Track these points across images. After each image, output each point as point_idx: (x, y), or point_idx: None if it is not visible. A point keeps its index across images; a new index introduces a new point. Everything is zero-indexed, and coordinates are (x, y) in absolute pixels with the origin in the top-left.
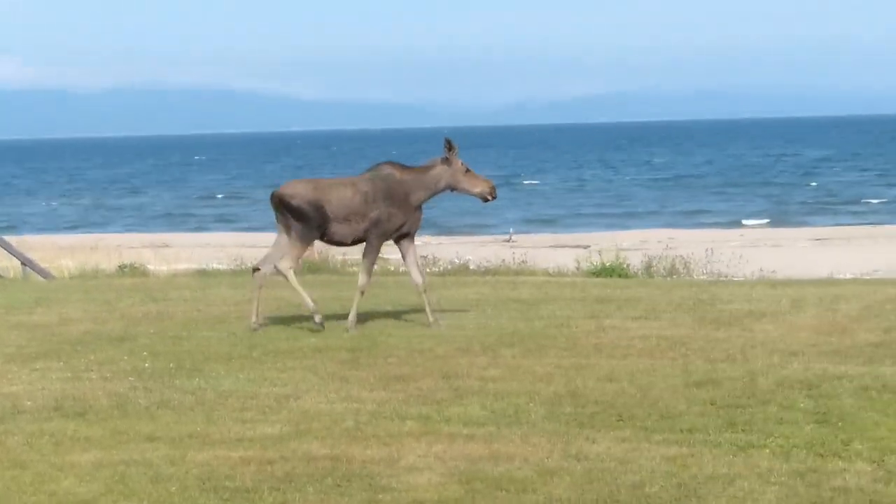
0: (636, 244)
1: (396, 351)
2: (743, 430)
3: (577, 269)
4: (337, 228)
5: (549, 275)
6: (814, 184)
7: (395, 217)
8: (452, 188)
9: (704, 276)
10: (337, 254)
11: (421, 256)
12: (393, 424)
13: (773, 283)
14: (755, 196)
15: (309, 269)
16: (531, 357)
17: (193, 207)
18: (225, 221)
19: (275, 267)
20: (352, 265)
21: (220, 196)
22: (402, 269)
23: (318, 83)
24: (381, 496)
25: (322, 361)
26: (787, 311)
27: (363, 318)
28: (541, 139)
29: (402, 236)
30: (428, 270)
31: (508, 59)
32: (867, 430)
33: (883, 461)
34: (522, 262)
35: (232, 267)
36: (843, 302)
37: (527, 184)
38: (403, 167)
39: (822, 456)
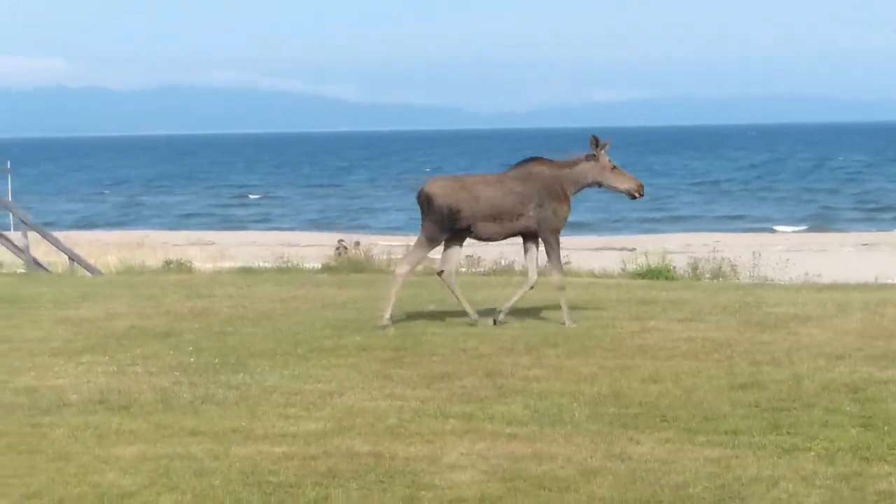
0: (681, 247)
1: (440, 350)
2: (787, 433)
3: (623, 270)
4: (485, 226)
5: (595, 276)
6: (859, 190)
7: (560, 211)
8: (599, 184)
9: (749, 280)
10: (382, 252)
11: (466, 256)
12: (436, 422)
13: (819, 288)
14: (800, 201)
15: (354, 269)
16: (575, 357)
17: (232, 207)
18: (263, 221)
19: (395, 269)
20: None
21: (253, 196)
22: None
23: (355, 85)
24: (423, 493)
25: (366, 359)
26: (832, 314)
27: (407, 317)
28: (574, 142)
29: (530, 233)
30: (472, 271)
31: (539, 64)
32: None
33: None
34: (567, 263)
35: (277, 265)
36: (890, 306)
37: None
38: (551, 163)
39: (866, 460)
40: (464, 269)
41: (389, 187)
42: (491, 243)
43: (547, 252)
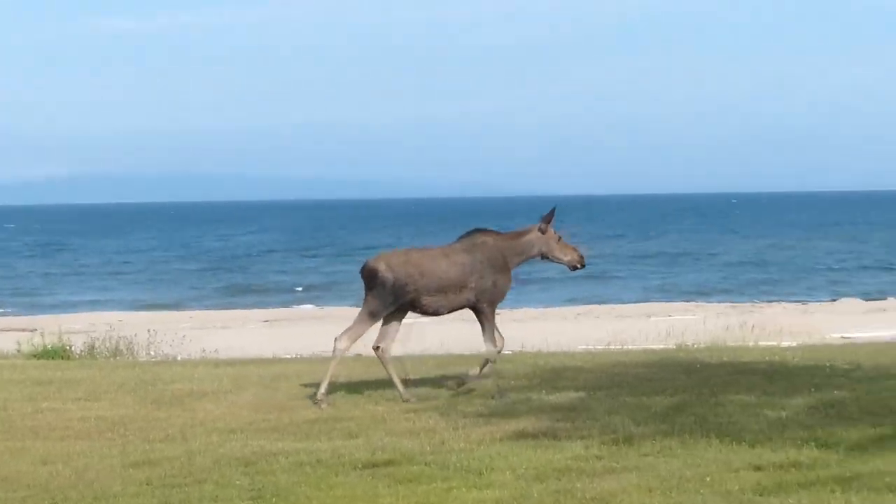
0: (85, 327)
1: None
2: None
3: (18, 351)
4: (430, 300)
5: None
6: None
7: (500, 283)
8: (544, 256)
9: (147, 358)
10: None
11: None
12: None
13: (217, 363)
14: (214, 278)
15: None
16: None
17: None
18: None
19: (335, 344)
20: None
21: None
22: None
23: None
24: None
25: None
26: (228, 389)
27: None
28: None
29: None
30: None
31: None
32: None
33: None
34: None
35: None
36: (283, 380)
37: None
38: (497, 233)
39: None
40: None
41: None
42: (436, 317)
43: (481, 322)
